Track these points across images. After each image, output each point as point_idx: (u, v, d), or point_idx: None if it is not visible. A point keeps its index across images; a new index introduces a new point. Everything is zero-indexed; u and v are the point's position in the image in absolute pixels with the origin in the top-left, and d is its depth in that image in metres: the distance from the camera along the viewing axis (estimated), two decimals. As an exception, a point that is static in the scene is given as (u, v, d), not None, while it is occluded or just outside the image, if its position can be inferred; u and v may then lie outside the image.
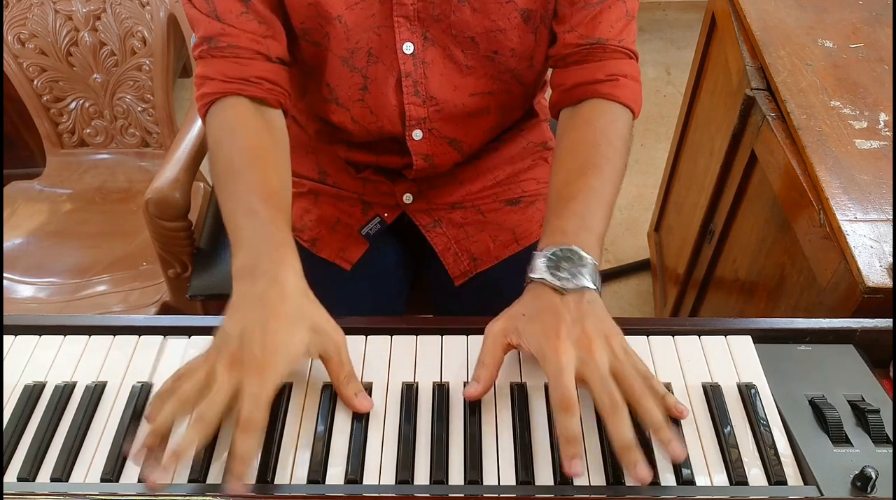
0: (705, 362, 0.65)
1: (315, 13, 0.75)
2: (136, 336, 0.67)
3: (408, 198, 0.93)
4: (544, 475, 0.56)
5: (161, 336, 0.67)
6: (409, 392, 0.62)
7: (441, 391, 0.62)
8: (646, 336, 0.67)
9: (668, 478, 0.56)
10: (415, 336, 0.67)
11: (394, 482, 0.56)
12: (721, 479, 0.56)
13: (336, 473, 0.56)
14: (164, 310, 1.21)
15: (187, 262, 1.16)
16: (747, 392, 0.62)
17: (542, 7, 0.77)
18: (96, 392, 0.62)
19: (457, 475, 0.56)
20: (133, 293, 1.24)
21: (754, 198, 1.05)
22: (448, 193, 0.94)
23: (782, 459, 0.57)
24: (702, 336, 0.67)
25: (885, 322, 0.66)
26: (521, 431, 0.59)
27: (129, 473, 0.57)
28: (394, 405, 0.61)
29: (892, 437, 0.58)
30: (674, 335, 0.67)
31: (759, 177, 1.02)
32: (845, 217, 0.78)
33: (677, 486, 0.55)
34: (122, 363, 0.65)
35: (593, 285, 0.62)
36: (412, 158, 0.87)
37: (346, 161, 0.94)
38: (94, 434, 0.60)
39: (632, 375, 0.58)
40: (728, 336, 0.67)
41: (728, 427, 0.59)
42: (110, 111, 1.40)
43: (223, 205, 0.69)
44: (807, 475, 0.56)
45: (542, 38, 0.81)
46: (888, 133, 0.90)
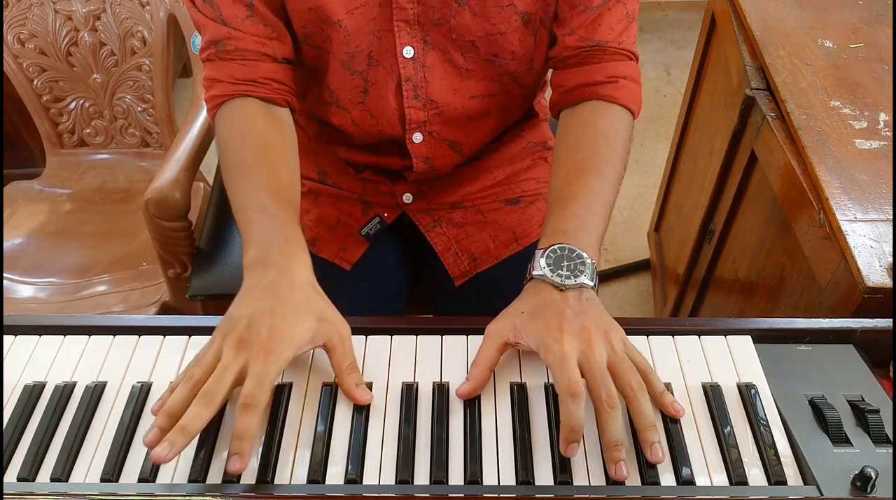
0: (705, 362, 0.65)
1: (316, 18, 0.75)
2: (136, 336, 0.68)
3: (408, 198, 0.93)
4: (544, 475, 0.56)
5: (161, 336, 0.67)
6: (409, 392, 0.62)
7: (441, 391, 0.62)
8: (646, 336, 0.67)
9: (668, 478, 0.56)
10: (415, 336, 0.67)
11: (394, 482, 0.56)
12: (721, 479, 0.56)
13: (336, 473, 0.56)
14: (164, 310, 1.21)
15: (187, 262, 1.16)
16: (747, 392, 0.62)
17: (542, 10, 0.77)
18: (96, 392, 0.62)
19: (457, 475, 0.56)
20: (133, 293, 1.24)
21: (754, 198, 1.05)
22: (448, 193, 0.94)
23: (782, 459, 0.57)
24: (702, 336, 0.67)
25: (885, 322, 0.66)
26: (521, 431, 0.59)
27: (129, 473, 0.57)
28: (394, 405, 0.61)
29: (892, 437, 0.58)
30: (674, 335, 0.67)
31: (759, 177, 1.02)
32: (845, 217, 0.78)
33: (677, 486, 0.55)
34: (122, 363, 0.65)
35: (592, 284, 0.63)
36: (412, 160, 0.87)
37: (346, 162, 0.94)
38: (94, 434, 0.60)
39: (628, 371, 0.58)
40: (728, 336, 0.67)
41: (728, 427, 0.59)
42: (110, 111, 1.40)
43: (234, 201, 0.71)
44: (807, 475, 0.56)
45: (541, 41, 0.81)
46: (888, 133, 0.90)
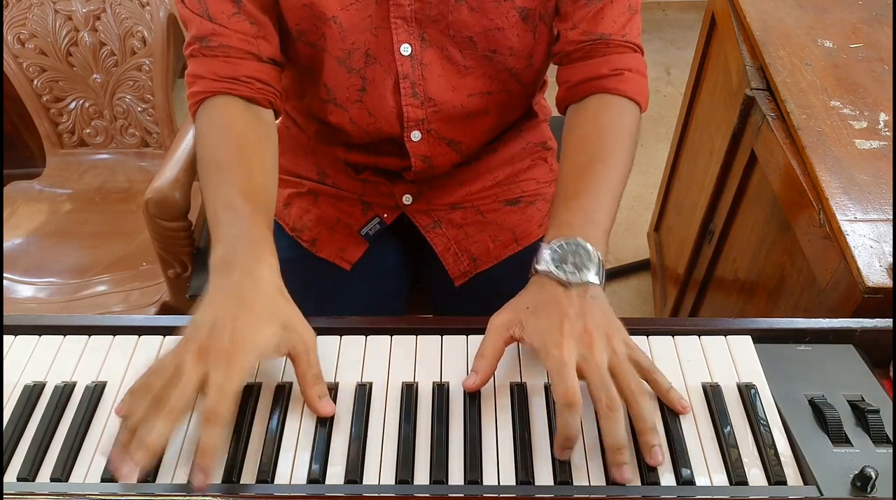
0: (705, 362, 0.65)
1: (310, 14, 0.75)
2: (136, 336, 0.68)
3: (407, 199, 0.93)
4: (544, 475, 0.56)
5: (161, 336, 0.67)
6: (409, 392, 0.62)
7: (441, 391, 0.62)
8: (646, 336, 0.67)
9: (668, 478, 0.56)
10: (415, 336, 0.67)
11: (394, 482, 0.56)
12: (721, 479, 0.56)
13: (336, 473, 0.56)
14: (164, 310, 1.21)
15: (187, 262, 1.16)
16: (747, 392, 0.62)
17: (541, 5, 0.77)
18: (96, 392, 0.62)
19: (457, 475, 0.56)
20: (133, 293, 1.24)
21: (754, 198, 1.05)
22: (448, 193, 0.94)
23: (782, 459, 0.57)
24: (702, 336, 0.67)
25: (885, 322, 0.66)
26: (521, 431, 0.59)
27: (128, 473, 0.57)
28: (394, 405, 0.61)
29: (892, 437, 0.58)
30: (674, 335, 0.67)
31: (758, 177, 1.02)
32: (845, 217, 0.78)
33: (677, 486, 0.55)
34: (122, 363, 0.65)
35: (598, 281, 0.62)
36: (411, 159, 0.87)
37: (346, 162, 0.94)
38: (94, 434, 0.60)
39: (628, 374, 0.58)
40: (728, 336, 0.67)
41: (728, 427, 0.59)
42: (110, 111, 1.40)
43: (206, 199, 0.70)
44: (807, 475, 0.56)
45: (541, 37, 0.80)
46: (888, 133, 0.90)
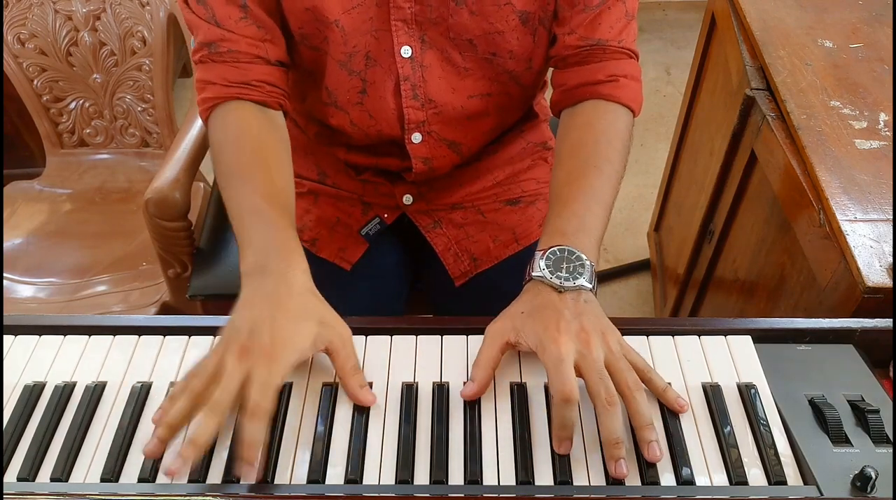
0: (705, 362, 0.65)
1: (313, 18, 0.75)
2: (136, 336, 0.68)
3: (407, 199, 0.93)
4: (544, 475, 0.56)
5: (161, 336, 0.67)
6: (409, 392, 0.62)
7: (441, 391, 0.62)
8: (646, 336, 0.67)
9: (667, 478, 0.56)
10: (415, 336, 0.67)
11: (394, 482, 0.56)
12: (721, 479, 0.56)
13: (336, 473, 0.56)
14: (164, 310, 1.21)
15: (187, 262, 1.16)
16: (747, 392, 0.62)
17: (541, 9, 0.77)
18: (96, 392, 0.62)
19: (457, 475, 0.56)
20: (133, 293, 1.24)
21: (754, 198, 1.05)
22: (448, 194, 0.94)
23: (782, 459, 0.57)
24: (702, 336, 0.67)
25: (885, 322, 0.66)
26: (521, 431, 0.59)
27: (128, 473, 0.57)
28: (394, 405, 0.61)
29: (892, 437, 0.58)
30: (674, 335, 0.67)
31: (758, 177, 1.02)
32: (845, 217, 0.78)
33: (677, 486, 0.55)
34: (122, 363, 0.65)
35: (590, 286, 0.64)
36: (411, 161, 0.87)
37: (346, 163, 0.94)
38: (94, 434, 0.60)
39: (625, 370, 0.58)
40: (728, 336, 0.67)
41: (728, 427, 0.59)
42: (110, 111, 1.40)
43: (230, 206, 0.71)
44: (807, 475, 0.56)
45: (540, 40, 0.81)
46: (888, 133, 0.90)
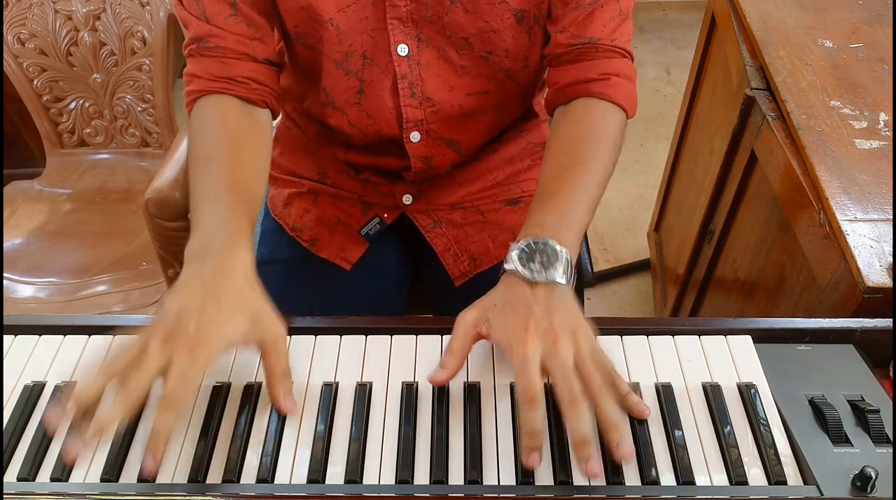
0: (705, 362, 0.65)
1: (307, 16, 0.75)
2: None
3: (407, 199, 0.93)
4: (544, 474, 0.56)
5: (161, 336, 0.67)
6: (409, 392, 0.62)
7: (441, 391, 0.62)
8: (646, 336, 0.66)
9: (668, 478, 0.56)
10: (415, 336, 0.67)
11: (394, 482, 0.56)
12: (721, 479, 0.56)
13: (336, 473, 0.56)
14: (164, 310, 1.21)
15: (187, 262, 1.16)
16: (747, 392, 0.62)
17: (536, 7, 0.77)
18: (96, 392, 0.62)
19: (457, 475, 0.56)
20: (133, 293, 1.24)
21: (754, 198, 1.05)
22: (448, 193, 0.94)
23: (782, 459, 0.57)
24: (702, 336, 0.67)
25: (885, 322, 0.66)
26: (521, 431, 0.59)
27: (128, 473, 0.57)
28: (394, 405, 0.61)
29: (892, 437, 0.58)
30: (674, 335, 0.67)
31: (759, 177, 1.02)
32: (845, 217, 0.78)
33: (677, 486, 0.55)
34: (122, 363, 0.65)
35: (564, 281, 0.62)
36: (410, 160, 0.87)
37: (345, 162, 0.94)
38: (94, 434, 0.60)
39: (593, 371, 0.58)
40: (728, 336, 0.67)
41: (728, 427, 0.59)
42: (110, 111, 1.40)
43: (191, 191, 0.70)
44: (807, 475, 0.56)
45: (536, 38, 0.80)
46: (888, 133, 0.90)
